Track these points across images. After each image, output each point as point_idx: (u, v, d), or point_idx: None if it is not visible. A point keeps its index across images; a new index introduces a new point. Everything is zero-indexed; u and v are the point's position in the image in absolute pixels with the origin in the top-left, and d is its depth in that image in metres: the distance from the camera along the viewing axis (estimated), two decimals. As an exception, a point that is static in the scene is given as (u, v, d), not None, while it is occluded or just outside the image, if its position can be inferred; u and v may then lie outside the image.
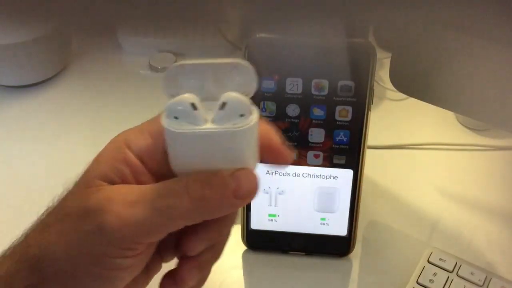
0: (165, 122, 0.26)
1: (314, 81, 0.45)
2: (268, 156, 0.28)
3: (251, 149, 0.27)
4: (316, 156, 0.47)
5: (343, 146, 0.47)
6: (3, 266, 0.27)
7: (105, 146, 0.29)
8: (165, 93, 0.26)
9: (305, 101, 0.46)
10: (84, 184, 0.28)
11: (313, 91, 0.46)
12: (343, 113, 0.46)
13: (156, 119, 0.28)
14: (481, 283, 0.46)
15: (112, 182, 0.27)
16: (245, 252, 0.51)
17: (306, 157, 0.47)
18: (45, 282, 0.26)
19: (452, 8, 0.43)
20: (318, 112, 0.46)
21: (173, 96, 0.26)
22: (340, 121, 0.46)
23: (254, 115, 0.26)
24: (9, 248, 0.29)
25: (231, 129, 0.25)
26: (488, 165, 0.60)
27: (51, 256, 0.26)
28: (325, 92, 0.46)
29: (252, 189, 0.26)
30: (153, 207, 0.25)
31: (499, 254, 0.51)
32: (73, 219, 0.26)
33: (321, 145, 0.47)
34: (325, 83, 0.45)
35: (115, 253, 0.26)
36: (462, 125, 0.65)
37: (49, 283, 0.26)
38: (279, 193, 0.49)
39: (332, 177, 0.48)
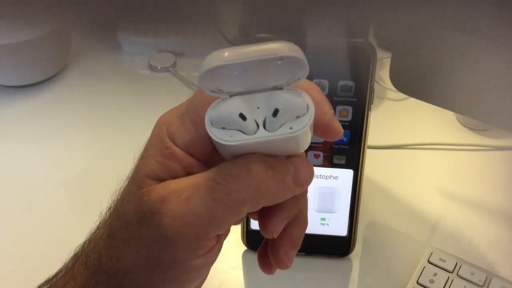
0: (213, 134, 0.23)
1: (314, 81, 0.45)
2: (318, 131, 0.26)
3: (306, 140, 0.25)
4: (316, 156, 0.47)
5: (343, 146, 0.47)
6: (79, 276, 0.26)
7: (148, 141, 0.27)
8: (203, 89, 0.23)
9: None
10: (136, 185, 0.25)
11: (313, 91, 0.46)
12: (343, 113, 0.46)
13: (194, 104, 0.26)
14: (481, 284, 0.46)
15: (162, 180, 0.25)
16: (245, 252, 0.51)
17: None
18: None
19: (452, 8, 0.43)
20: (318, 112, 0.46)
21: (213, 92, 0.24)
22: (340, 121, 0.46)
23: (310, 112, 0.24)
24: (79, 254, 0.28)
25: (288, 135, 0.23)
26: (489, 165, 0.60)
27: (125, 268, 0.25)
28: (325, 92, 0.46)
29: (309, 176, 0.25)
30: (211, 198, 0.23)
31: (499, 254, 0.51)
32: (134, 226, 0.25)
33: (321, 145, 0.47)
34: (325, 83, 0.45)
35: (184, 256, 0.24)
36: (462, 125, 0.65)
37: None
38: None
39: (332, 177, 0.48)
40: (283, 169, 0.24)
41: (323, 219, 0.49)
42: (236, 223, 0.25)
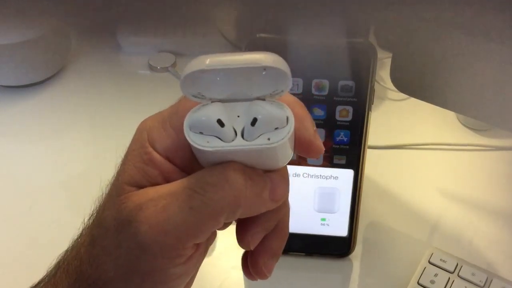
0: (190, 138, 0.23)
1: (314, 81, 0.45)
2: (298, 147, 0.25)
3: (285, 155, 0.25)
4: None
5: (344, 146, 0.47)
6: (61, 283, 0.26)
7: (129, 146, 0.26)
8: (185, 93, 0.23)
9: (306, 101, 0.45)
10: (116, 192, 0.25)
11: (314, 91, 0.46)
12: (344, 113, 0.46)
13: (177, 110, 0.25)
14: (482, 284, 0.46)
15: (141, 187, 0.25)
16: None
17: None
18: None
19: (452, 8, 0.43)
20: (318, 112, 0.46)
21: (194, 97, 0.23)
22: (341, 121, 0.46)
23: (289, 125, 0.23)
24: (61, 261, 0.27)
25: (265, 146, 0.23)
26: (489, 165, 0.60)
27: (104, 276, 0.25)
28: (326, 92, 0.45)
29: (285, 193, 0.25)
30: (188, 207, 0.23)
31: (500, 254, 0.50)
32: (113, 234, 0.24)
33: (321, 145, 0.47)
34: (326, 83, 0.45)
35: (162, 264, 0.24)
36: (463, 125, 0.64)
37: None
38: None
39: (332, 177, 0.48)
40: (261, 182, 0.24)
41: (323, 219, 0.49)
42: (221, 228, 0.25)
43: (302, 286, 0.49)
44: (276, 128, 0.23)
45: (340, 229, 0.49)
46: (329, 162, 0.47)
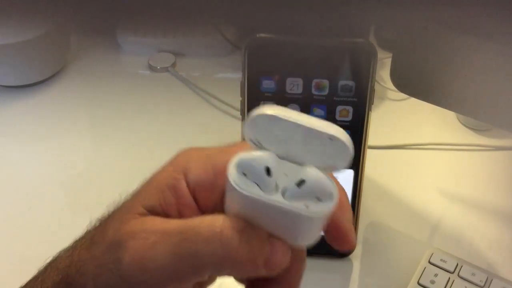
0: (231, 175, 0.22)
1: (314, 81, 0.45)
2: (332, 234, 0.25)
3: (312, 233, 0.24)
4: (317, 157, 0.47)
5: (344, 146, 0.47)
6: (49, 280, 0.26)
7: (164, 165, 0.25)
8: (245, 136, 0.23)
9: (306, 101, 0.46)
10: (127, 208, 0.25)
11: (314, 91, 0.45)
12: (344, 113, 0.46)
13: (225, 151, 0.25)
14: (482, 284, 0.45)
15: (154, 211, 0.24)
16: None
17: (306, 157, 0.47)
18: None
19: (452, 8, 0.43)
20: (318, 112, 0.46)
21: (252, 142, 0.23)
22: (341, 121, 0.46)
23: (332, 202, 0.22)
24: (54, 258, 0.27)
25: (300, 212, 0.22)
26: (489, 165, 0.60)
27: (83, 287, 0.24)
28: (326, 92, 0.45)
29: (283, 263, 0.23)
30: (174, 252, 0.22)
31: (500, 254, 0.50)
32: (103, 249, 0.24)
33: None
34: (326, 83, 0.45)
35: None
36: (463, 125, 0.64)
37: None
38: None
39: (332, 178, 0.48)
40: (258, 248, 0.22)
41: (323, 219, 0.49)
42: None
43: (302, 286, 0.49)
44: (318, 199, 0.22)
45: (340, 229, 0.49)
46: (329, 162, 0.47)
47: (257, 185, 0.22)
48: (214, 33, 0.76)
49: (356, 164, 0.47)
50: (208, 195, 0.24)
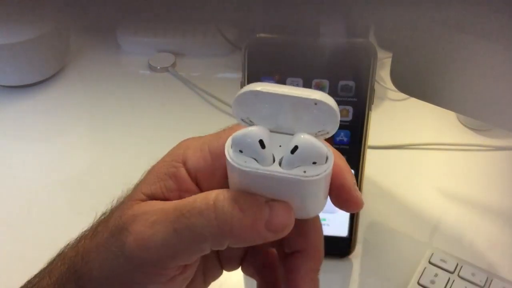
0: (229, 154, 0.23)
1: (314, 81, 0.45)
2: (337, 197, 0.25)
3: (317, 198, 0.24)
4: (317, 157, 0.47)
5: (344, 146, 0.47)
6: (56, 271, 0.26)
7: (164, 156, 0.26)
8: (235, 116, 0.24)
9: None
10: (130, 196, 0.26)
11: (314, 91, 0.45)
12: (344, 113, 0.46)
13: (220, 136, 0.26)
14: (482, 284, 0.45)
15: (155, 197, 0.25)
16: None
17: (306, 157, 0.47)
18: None
19: (452, 8, 0.43)
20: (318, 112, 0.46)
21: (244, 121, 0.24)
22: (341, 121, 0.46)
23: (328, 164, 0.23)
24: (62, 250, 0.28)
25: (299, 177, 0.22)
26: (489, 165, 0.60)
27: (90, 274, 0.25)
28: (326, 91, 0.45)
29: (286, 224, 0.23)
30: (173, 229, 0.23)
31: (500, 254, 0.50)
32: (107, 235, 0.25)
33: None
34: (326, 83, 0.45)
35: (141, 279, 0.24)
36: (463, 125, 0.64)
37: None
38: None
39: (332, 178, 0.48)
40: (255, 213, 0.23)
41: (323, 219, 0.49)
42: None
43: (302, 286, 0.49)
44: (314, 163, 0.23)
45: (340, 229, 0.49)
46: (329, 162, 0.47)
47: (255, 160, 0.23)
48: (214, 33, 0.76)
49: (356, 164, 0.47)
50: (209, 179, 0.25)
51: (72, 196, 0.57)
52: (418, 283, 0.46)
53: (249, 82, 0.46)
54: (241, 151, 0.23)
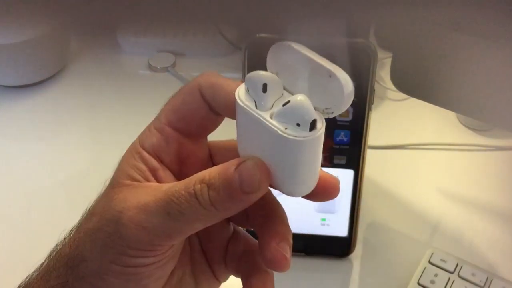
0: (238, 91, 0.24)
1: (314, 81, 0.45)
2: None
3: (295, 168, 0.24)
4: (317, 157, 0.47)
5: (344, 146, 0.47)
6: (53, 266, 0.28)
7: (127, 149, 0.30)
8: (268, 65, 0.25)
9: (306, 101, 0.46)
10: (111, 184, 0.28)
11: (314, 91, 0.45)
12: (344, 113, 0.46)
13: (159, 116, 0.29)
14: (482, 284, 0.45)
15: (135, 180, 0.28)
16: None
17: (306, 157, 0.47)
18: (75, 281, 0.27)
19: (452, 8, 0.43)
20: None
21: (271, 71, 0.25)
22: (341, 121, 0.46)
23: (311, 133, 0.23)
24: (54, 248, 0.30)
25: (275, 129, 0.23)
26: (490, 165, 0.60)
27: (81, 255, 0.27)
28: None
29: (257, 180, 0.24)
30: (166, 213, 0.25)
31: (500, 255, 0.50)
32: (98, 220, 0.27)
33: (321, 145, 0.47)
34: (326, 83, 0.45)
35: (135, 253, 0.26)
36: (463, 125, 0.64)
37: (80, 282, 0.27)
38: (279, 193, 0.48)
39: (332, 178, 0.48)
40: (225, 183, 0.24)
41: (323, 219, 0.49)
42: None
43: (302, 286, 0.49)
44: (298, 126, 0.23)
45: (340, 229, 0.49)
46: (329, 162, 0.47)
47: (255, 103, 0.24)
48: (214, 33, 0.76)
49: (356, 164, 0.47)
50: (165, 151, 0.28)
51: (72, 196, 0.57)
52: (418, 283, 0.46)
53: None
54: (248, 90, 0.24)
